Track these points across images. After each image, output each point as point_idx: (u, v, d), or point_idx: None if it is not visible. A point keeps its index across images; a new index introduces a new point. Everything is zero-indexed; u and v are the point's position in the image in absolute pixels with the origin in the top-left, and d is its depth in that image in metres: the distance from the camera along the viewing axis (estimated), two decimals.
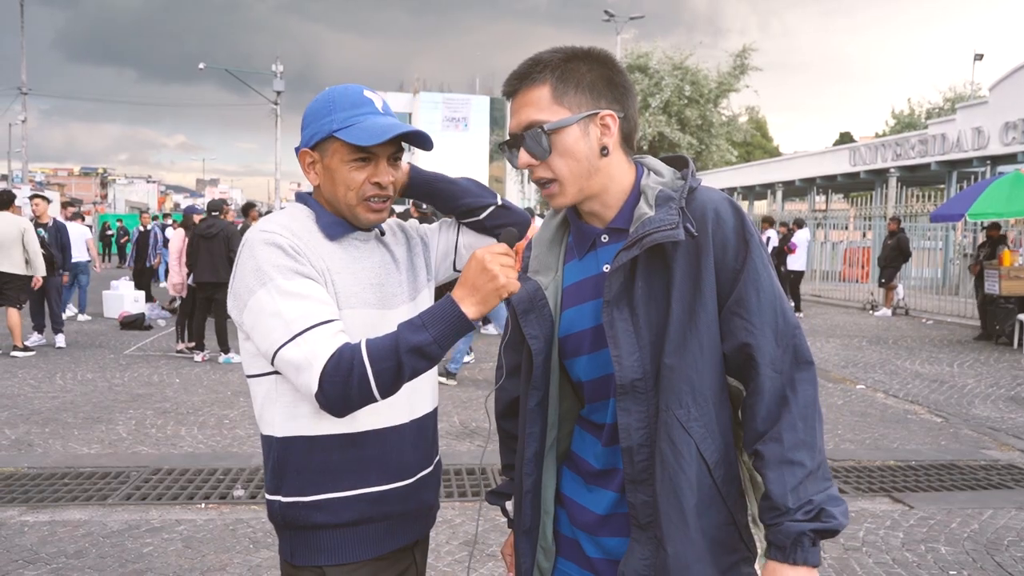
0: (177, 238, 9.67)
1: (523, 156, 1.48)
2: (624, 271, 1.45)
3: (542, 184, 1.50)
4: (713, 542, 1.43)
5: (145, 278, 15.49)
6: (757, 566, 1.51)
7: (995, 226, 12.90)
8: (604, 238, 1.52)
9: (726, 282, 1.43)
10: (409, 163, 1.83)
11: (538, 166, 1.47)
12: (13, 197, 9.73)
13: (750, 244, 1.43)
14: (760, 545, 1.50)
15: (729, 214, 1.44)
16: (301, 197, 1.72)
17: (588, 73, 1.46)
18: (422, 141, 1.65)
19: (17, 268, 9.33)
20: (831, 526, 1.37)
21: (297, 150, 1.69)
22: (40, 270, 9.47)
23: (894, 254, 15.40)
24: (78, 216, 14.75)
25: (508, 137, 1.52)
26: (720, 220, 1.43)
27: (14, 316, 9.47)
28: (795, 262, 15.76)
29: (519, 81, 1.49)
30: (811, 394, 1.43)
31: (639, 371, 1.43)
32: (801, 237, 15.95)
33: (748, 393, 1.44)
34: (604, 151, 1.47)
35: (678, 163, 1.57)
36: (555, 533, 1.63)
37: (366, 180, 1.61)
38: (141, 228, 16.52)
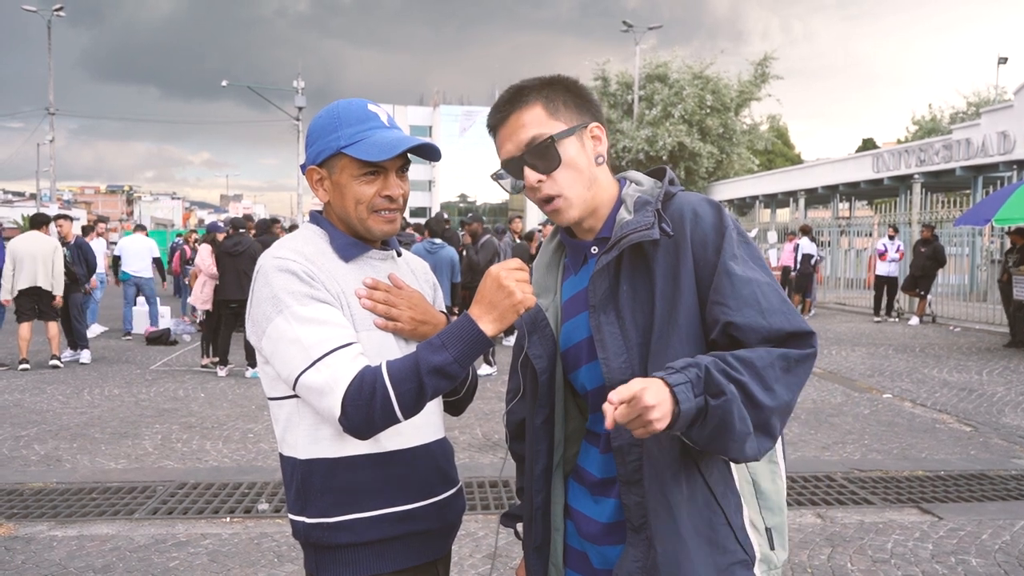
0: (205, 253, 9.83)
1: (530, 174, 1.48)
2: (608, 276, 1.48)
3: (548, 200, 1.50)
4: (705, 541, 1.42)
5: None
6: (757, 571, 1.48)
7: (1021, 232, 12.67)
8: (594, 249, 1.56)
9: (707, 276, 1.44)
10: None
11: (546, 182, 1.48)
12: (46, 219, 10.24)
13: (724, 235, 1.45)
14: (759, 550, 1.48)
15: (708, 211, 1.48)
16: (315, 218, 1.73)
17: (566, 92, 1.54)
18: (430, 153, 1.66)
19: (52, 284, 9.73)
20: (722, 403, 1.27)
21: (304, 168, 1.70)
22: (60, 289, 9.83)
23: (929, 263, 14.84)
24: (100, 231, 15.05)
25: (501, 166, 1.53)
26: (698, 218, 1.46)
27: (54, 328, 9.91)
28: (885, 267, 15.60)
29: (509, 106, 1.51)
30: (800, 355, 1.37)
31: (628, 373, 1.44)
32: (885, 243, 15.73)
33: None
34: (599, 159, 1.54)
35: (659, 175, 1.61)
36: (564, 547, 1.64)
37: (376, 194, 1.62)
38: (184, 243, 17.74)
